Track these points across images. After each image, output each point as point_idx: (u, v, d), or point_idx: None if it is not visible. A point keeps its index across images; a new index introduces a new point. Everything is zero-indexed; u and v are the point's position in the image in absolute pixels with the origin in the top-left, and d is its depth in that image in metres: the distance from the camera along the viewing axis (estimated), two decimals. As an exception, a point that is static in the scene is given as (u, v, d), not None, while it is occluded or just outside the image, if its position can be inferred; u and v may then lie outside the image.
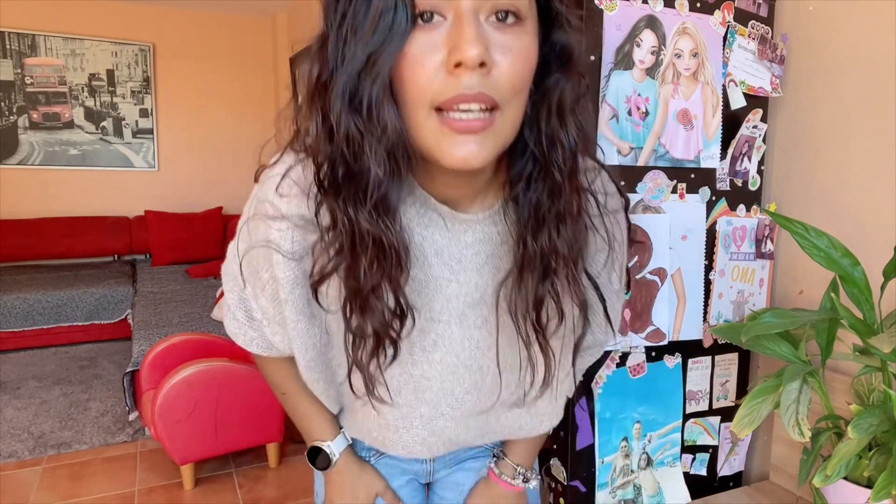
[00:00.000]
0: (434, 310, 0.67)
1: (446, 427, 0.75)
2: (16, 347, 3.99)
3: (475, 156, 0.54)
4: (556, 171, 0.60)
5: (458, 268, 0.66)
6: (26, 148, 4.77)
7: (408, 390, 0.72)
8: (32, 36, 4.71)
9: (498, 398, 0.72)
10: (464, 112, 0.53)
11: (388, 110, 0.54)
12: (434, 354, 0.70)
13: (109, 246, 4.88)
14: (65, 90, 4.86)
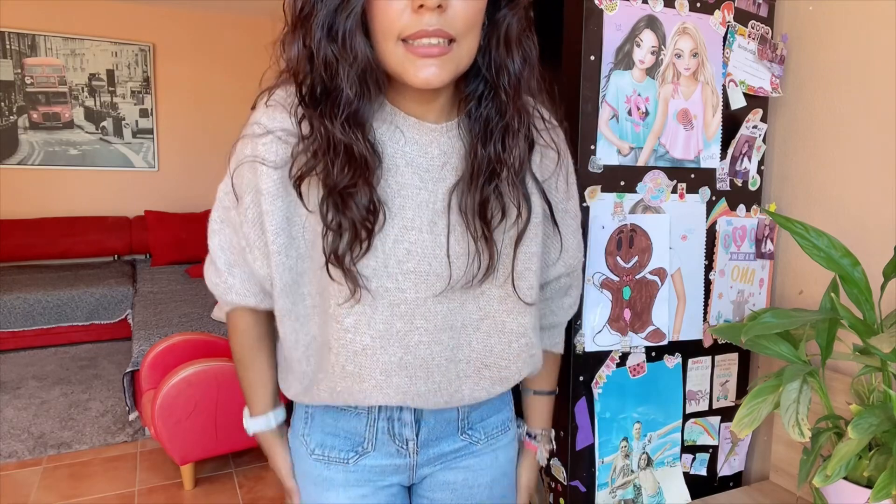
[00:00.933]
0: (407, 217, 0.74)
1: (421, 342, 0.78)
2: (16, 347, 3.99)
3: (435, 77, 0.67)
4: (503, 92, 0.72)
5: (427, 177, 0.75)
6: (26, 148, 4.77)
7: (384, 305, 0.76)
8: (32, 36, 4.72)
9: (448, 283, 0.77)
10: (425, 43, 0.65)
11: (359, 41, 0.66)
12: (408, 264, 0.75)
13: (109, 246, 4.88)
14: (65, 90, 4.86)
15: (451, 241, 0.76)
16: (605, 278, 0.99)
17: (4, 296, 3.89)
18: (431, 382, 0.81)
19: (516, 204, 0.77)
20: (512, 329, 0.82)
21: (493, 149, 0.73)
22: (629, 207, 1.00)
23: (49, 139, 4.84)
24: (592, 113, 0.95)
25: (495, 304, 0.81)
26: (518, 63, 0.73)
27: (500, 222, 0.76)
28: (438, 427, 0.87)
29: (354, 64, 0.67)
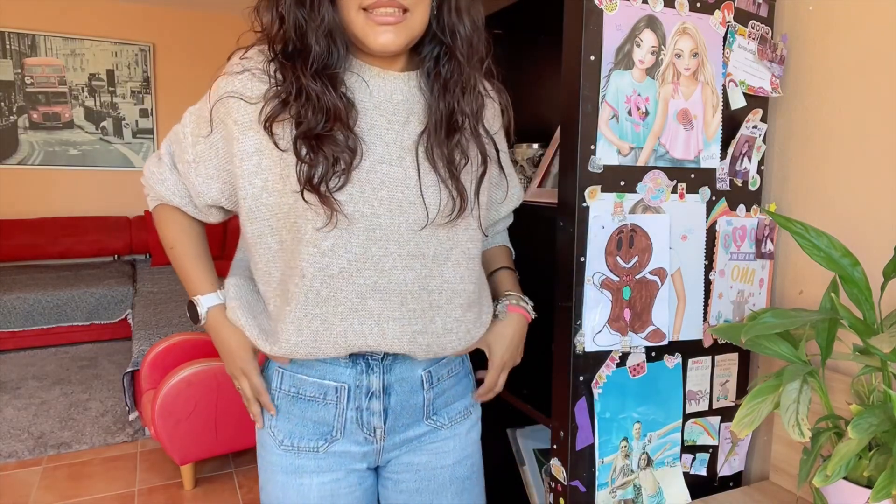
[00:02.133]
0: (377, 153, 0.83)
1: (395, 267, 0.84)
2: (16, 347, 3.99)
3: (392, 42, 0.78)
4: (459, 52, 0.83)
5: (393, 118, 0.84)
6: (26, 148, 4.77)
7: (360, 230, 0.82)
8: (32, 36, 4.72)
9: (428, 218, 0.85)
10: (382, 12, 0.76)
11: (325, 6, 0.77)
12: (381, 192, 0.82)
13: (109, 246, 4.88)
14: (65, 90, 4.86)
15: (425, 176, 0.85)
16: (605, 278, 0.99)
17: (4, 296, 3.89)
18: (405, 308, 0.86)
19: (477, 150, 0.88)
20: (475, 255, 0.92)
21: (454, 103, 0.84)
22: (629, 207, 1.00)
23: (49, 139, 4.84)
24: (592, 113, 0.95)
25: (461, 234, 0.89)
26: (468, 27, 0.84)
27: (464, 166, 0.87)
28: (405, 414, 0.92)
29: (322, 25, 0.77)
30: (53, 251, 4.73)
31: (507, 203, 1.05)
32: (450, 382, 0.98)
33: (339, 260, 0.82)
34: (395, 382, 0.91)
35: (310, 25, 0.77)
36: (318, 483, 0.90)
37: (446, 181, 0.85)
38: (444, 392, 0.96)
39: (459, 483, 0.98)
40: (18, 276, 4.32)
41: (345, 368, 0.89)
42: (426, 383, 0.93)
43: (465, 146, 0.86)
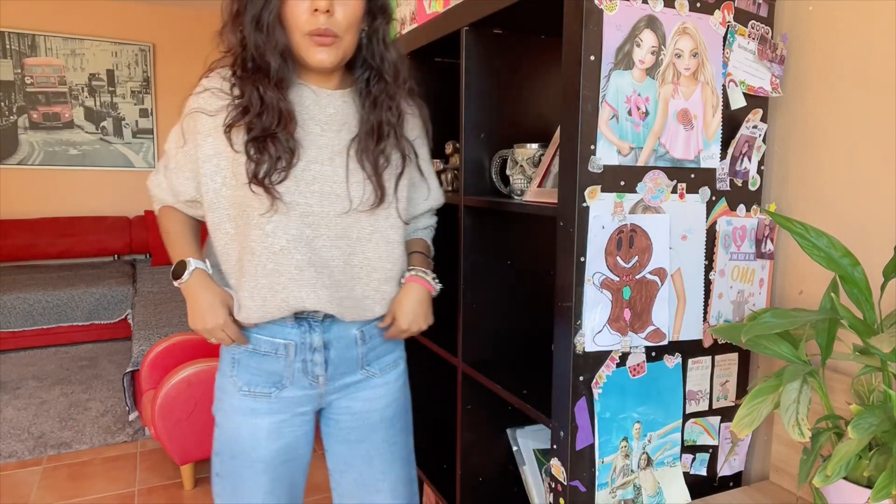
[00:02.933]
0: (312, 154, 1.03)
1: (324, 246, 1.05)
2: (16, 347, 3.99)
3: (326, 59, 1.00)
4: (386, 75, 1.06)
5: (326, 127, 1.05)
6: (26, 148, 4.77)
7: (296, 215, 1.02)
8: (32, 36, 4.71)
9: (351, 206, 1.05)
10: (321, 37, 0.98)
11: (278, 31, 0.98)
12: (314, 186, 1.03)
13: (109, 246, 4.88)
14: (65, 90, 4.86)
15: (353, 174, 1.05)
16: (605, 278, 0.99)
17: (4, 296, 3.89)
18: (333, 279, 1.06)
19: (399, 154, 1.10)
20: (394, 240, 1.11)
21: (381, 116, 1.06)
22: (629, 207, 1.00)
23: (49, 139, 4.84)
24: (592, 113, 0.95)
25: (382, 222, 1.09)
26: (394, 55, 1.07)
27: (385, 167, 1.07)
28: (343, 365, 1.13)
29: (277, 46, 0.98)
30: (53, 251, 4.72)
31: (429, 201, 1.23)
32: (380, 340, 1.17)
33: (279, 240, 1.02)
34: (334, 339, 1.11)
35: (267, 46, 0.98)
36: (267, 422, 1.10)
37: (371, 178, 1.06)
38: (375, 347, 1.16)
39: (388, 422, 1.19)
40: (18, 276, 4.32)
41: (291, 329, 1.08)
42: (359, 340, 1.13)
43: (388, 151, 1.07)
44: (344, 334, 1.11)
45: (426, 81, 1.64)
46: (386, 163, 1.07)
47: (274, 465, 1.12)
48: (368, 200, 1.06)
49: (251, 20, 0.97)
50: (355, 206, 1.05)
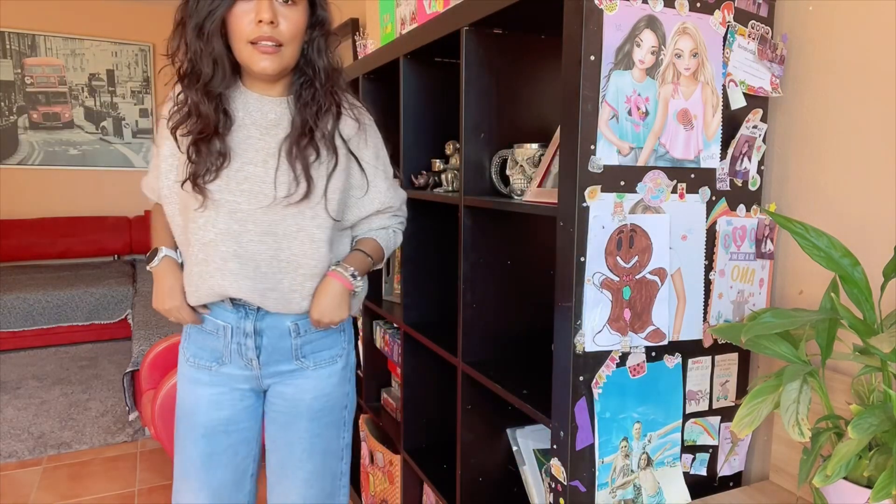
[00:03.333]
0: (248, 156, 1.13)
1: (251, 241, 1.14)
2: (16, 347, 3.99)
3: (269, 66, 1.08)
4: (317, 82, 1.14)
5: (265, 131, 1.14)
6: (26, 148, 4.77)
7: (224, 212, 1.12)
8: (32, 36, 4.72)
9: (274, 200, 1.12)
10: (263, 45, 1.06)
11: (217, 39, 1.06)
12: (244, 185, 1.12)
13: (109, 246, 4.88)
14: (65, 90, 4.86)
15: (279, 174, 1.12)
16: (605, 278, 0.99)
17: (4, 296, 3.89)
18: (258, 272, 1.15)
19: (331, 153, 1.16)
20: (319, 239, 1.17)
21: (308, 117, 1.13)
22: (629, 207, 1.00)
23: (49, 139, 4.84)
24: (592, 113, 0.95)
25: (308, 221, 1.15)
26: (326, 63, 1.15)
27: (314, 161, 1.13)
28: (276, 353, 1.23)
29: (212, 54, 1.06)
30: (53, 251, 4.72)
31: (374, 203, 1.26)
32: (318, 335, 1.25)
33: (208, 233, 1.13)
34: (266, 328, 1.21)
35: (203, 53, 1.06)
36: (208, 393, 1.23)
37: (299, 175, 1.12)
38: (311, 342, 1.25)
39: (314, 413, 1.26)
40: (18, 276, 4.32)
41: (230, 313, 1.20)
42: (293, 332, 1.22)
43: (318, 149, 1.14)
44: (277, 324, 1.21)
45: (426, 81, 1.65)
46: (316, 159, 1.14)
47: (214, 433, 1.24)
48: (296, 195, 1.12)
49: (194, 28, 1.05)
50: (280, 200, 1.12)
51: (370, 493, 2.04)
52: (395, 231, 1.33)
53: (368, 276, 1.95)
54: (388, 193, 1.27)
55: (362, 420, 2.11)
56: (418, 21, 1.73)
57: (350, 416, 1.33)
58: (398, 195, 1.31)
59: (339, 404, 1.29)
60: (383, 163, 1.27)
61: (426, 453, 1.74)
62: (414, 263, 1.69)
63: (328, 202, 1.16)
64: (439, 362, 1.74)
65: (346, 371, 1.30)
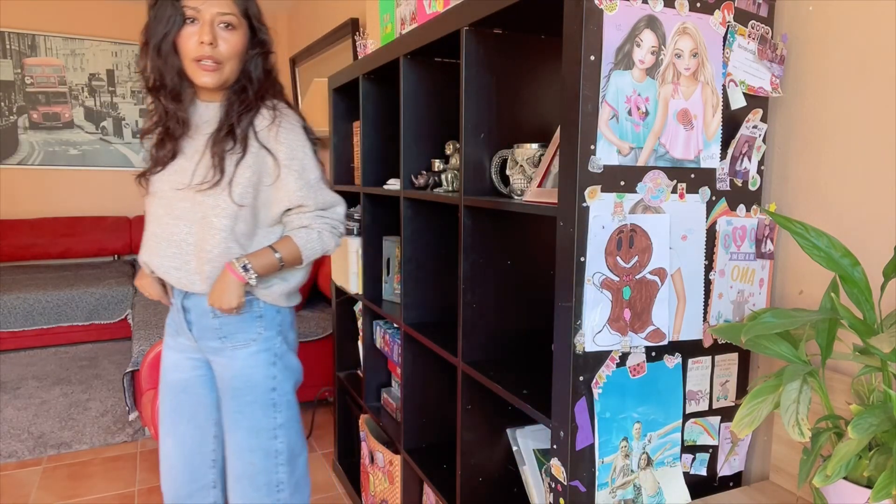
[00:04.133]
0: (186, 153, 1.35)
1: (168, 223, 1.35)
2: (16, 347, 3.99)
3: (209, 81, 1.31)
4: (249, 90, 1.35)
5: (197, 130, 1.36)
6: (26, 148, 4.77)
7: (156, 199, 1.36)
8: (32, 36, 4.71)
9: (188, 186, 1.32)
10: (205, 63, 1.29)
11: (173, 57, 1.29)
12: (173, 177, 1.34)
13: (109, 246, 4.88)
14: (65, 90, 4.86)
15: (200, 165, 1.31)
16: (605, 278, 0.99)
17: (4, 296, 3.89)
18: (168, 251, 1.36)
19: (240, 146, 1.31)
20: (218, 227, 1.32)
21: (233, 115, 1.32)
22: (629, 207, 1.00)
23: (49, 139, 4.84)
24: (592, 113, 0.95)
25: (209, 210, 1.31)
26: (260, 75, 1.37)
27: (229, 151, 1.31)
28: (204, 331, 1.40)
29: (173, 69, 1.29)
30: (53, 251, 4.72)
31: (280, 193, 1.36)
32: (233, 319, 1.38)
33: (148, 216, 1.39)
34: (192, 307, 1.40)
35: (166, 69, 1.29)
36: (173, 357, 1.48)
37: (215, 165, 1.30)
38: (229, 323, 1.39)
39: (234, 392, 1.41)
40: (18, 276, 4.32)
41: (175, 291, 1.42)
42: (212, 312, 1.38)
43: (235, 140, 1.31)
44: (199, 304, 1.39)
45: (426, 81, 1.65)
46: (231, 149, 1.31)
47: (175, 391, 1.47)
48: (207, 183, 1.29)
49: (153, 49, 1.28)
50: (192, 187, 1.31)
51: (370, 493, 2.04)
52: (321, 233, 1.39)
53: (368, 277, 1.99)
54: (300, 192, 1.36)
55: (362, 420, 2.11)
56: (418, 21, 1.73)
57: (282, 398, 1.43)
58: (317, 197, 1.39)
59: (262, 386, 1.41)
60: (299, 164, 1.36)
61: (426, 453, 1.74)
62: (414, 263, 1.69)
63: (233, 188, 1.30)
64: (439, 362, 1.74)
65: (267, 355, 1.41)
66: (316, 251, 1.41)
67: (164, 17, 1.26)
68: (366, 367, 2.10)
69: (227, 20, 1.28)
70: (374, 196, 2.00)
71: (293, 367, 1.49)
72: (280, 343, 1.44)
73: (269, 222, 1.39)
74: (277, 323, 1.44)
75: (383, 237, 2.01)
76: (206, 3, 1.26)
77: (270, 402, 1.42)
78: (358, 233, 2.07)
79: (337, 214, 1.44)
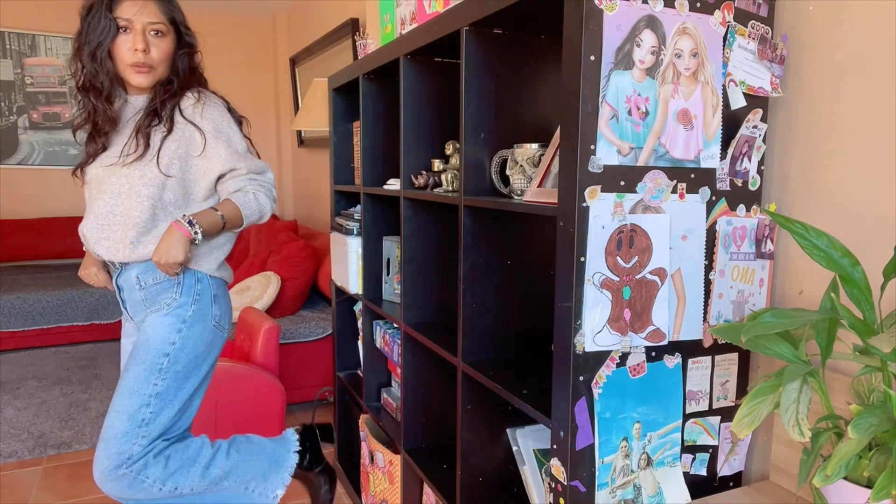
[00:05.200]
0: (116, 141, 1.49)
1: (98, 199, 1.48)
2: (16, 347, 3.99)
3: (144, 82, 1.46)
4: (174, 81, 1.50)
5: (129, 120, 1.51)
6: (26, 148, 4.77)
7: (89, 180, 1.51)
8: (32, 36, 4.71)
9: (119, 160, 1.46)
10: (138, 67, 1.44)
11: (108, 61, 1.42)
12: (104, 160, 1.48)
13: (109, 246, 4.86)
14: (65, 90, 4.86)
15: (128, 145, 1.45)
16: (605, 278, 0.99)
17: (4, 296, 3.89)
18: (97, 223, 1.47)
19: (166, 124, 1.46)
20: (145, 194, 1.45)
21: (157, 98, 1.48)
22: (629, 207, 1.00)
23: (49, 139, 4.84)
24: (592, 113, 0.95)
25: (136, 180, 1.45)
26: (185, 67, 1.52)
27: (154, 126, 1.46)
28: (135, 306, 1.53)
29: (108, 73, 1.43)
30: (53, 251, 4.73)
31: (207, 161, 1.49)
32: (155, 288, 1.49)
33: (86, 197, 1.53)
34: (124, 283, 1.52)
35: (99, 72, 1.42)
36: (124, 343, 1.63)
37: (140, 139, 1.44)
38: (152, 294, 1.50)
39: (133, 354, 1.48)
40: (18, 276, 4.32)
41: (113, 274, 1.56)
42: (137, 284, 1.50)
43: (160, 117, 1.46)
44: (128, 278, 1.50)
45: (426, 81, 1.65)
46: (156, 125, 1.45)
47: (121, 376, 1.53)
48: (133, 155, 1.43)
49: (88, 55, 1.40)
50: (120, 160, 1.44)
51: (370, 493, 2.04)
52: (256, 194, 1.50)
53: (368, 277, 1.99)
54: (231, 157, 1.49)
55: (362, 420, 2.11)
56: (418, 21, 1.73)
57: (172, 366, 1.46)
58: (248, 162, 1.52)
59: (156, 350, 1.45)
60: (226, 136, 1.50)
61: (426, 453, 1.74)
62: (414, 263, 1.69)
63: (160, 159, 1.44)
64: (439, 362, 1.74)
65: (173, 319, 1.47)
66: (254, 211, 1.49)
67: (98, 27, 1.38)
68: (366, 367, 2.10)
69: (156, 28, 1.43)
70: (374, 196, 2.00)
71: (204, 341, 1.51)
72: (193, 312, 1.50)
73: (204, 195, 1.51)
74: (196, 292, 1.51)
75: (383, 237, 2.01)
76: (138, 14, 1.40)
77: (157, 367, 1.44)
78: (358, 233, 2.07)
79: (269, 179, 1.55)
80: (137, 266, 1.48)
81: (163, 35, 1.45)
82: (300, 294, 3.22)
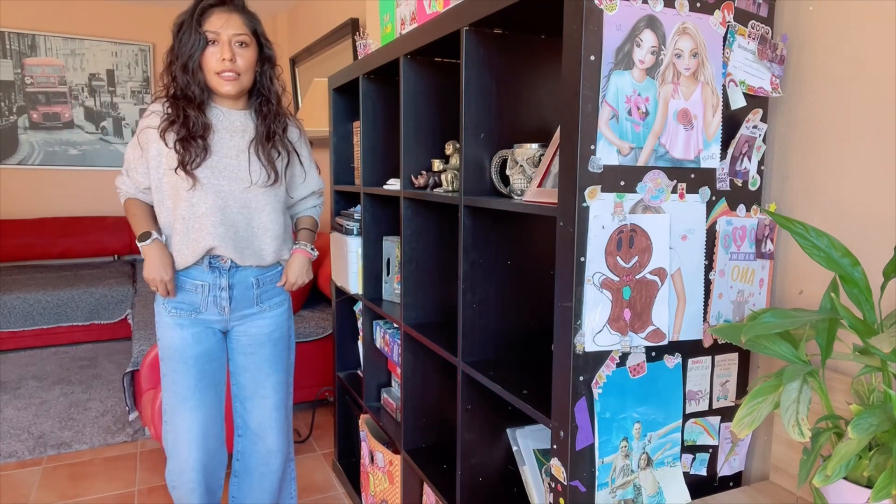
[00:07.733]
0: (224, 152, 1.61)
1: (232, 212, 1.62)
2: (16, 347, 3.99)
3: (231, 90, 1.59)
4: (272, 100, 1.68)
5: (234, 134, 1.64)
6: (26, 148, 4.77)
7: (211, 191, 1.60)
8: (32, 36, 4.71)
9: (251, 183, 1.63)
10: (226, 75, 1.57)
11: (199, 73, 1.57)
12: (224, 173, 1.61)
13: (109, 246, 4.88)
14: (65, 90, 4.86)
15: (251, 165, 1.63)
16: (605, 278, 0.99)
17: (4, 296, 3.89)
18: (237, 234, 1.64)
19: (284, 151, 1.70)
20: (279, 210, 1.70)
21: (269, 125, 1.66)
22: (629, 207, 1.00)
23: (49, 139, 4.84)
24: (592, 113, 0.95)
25: (272, 197, 1.68)
26: (276, 88, 1.69)
27: (277, 158, 1.67)
28: (244, 301, 1.72)
29: (199, 83, 1.57)
30: (53, 251, 4.72)
31: (310, 185, 1.83)
32: (271, 286, 1.76)
33: (200, 207, 1.59)
34: (237, 283, 1.69)
35: (191, 82, 1.55)
36: (191, 332, 1.68)
37: (266, 166, 1.64)
38: (267, 291, 1.75)
39: (274, 342, 1.79)
40: (18, 276, 4.31)
41: (207, 274, 1.66)
42: (255, 284, 1.72)
43: (279, 149, 1.68)
44: (243, 279, 1.70)
45: (426, 81, 1.65)
46: (277, 155, 1.67)
47: (200, 361, 1.69)
48: (266, 181, 1.64)
49: (181, 67, 1.55)
50: (255, 184, 1.63)
51: (370, 493, 2.04)
52: (318, 208, 1.91)
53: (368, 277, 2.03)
54: (319, 180, 1.86)
55: (362, 420, 2.11)
56: (418, 21, 1.73)
57: (292, 341, 1.87)
58: (321, 183, 1.88)
59: (287, 333, 1.83)
60: (315, 163, 1.85)
61: (426, 453, 1.74)
62: (414, 263, 1.69)
63: (283, 184, 1.71)
64: (439, 362, 1.74)
65: (289, 310, 1.84)
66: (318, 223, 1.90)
67: (189, 42, 1.54)
68: (366, 367, 2.10)
69: (241, 39, 1.57)
70: (374, 196, 2.00)
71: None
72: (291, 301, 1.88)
73: (291, 204, 1.84)
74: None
75: (383, 237, 2.02)
76: (224, 26, 1.54)
77: (289, 346, 1.86)
78: (358, 233, 2.07)
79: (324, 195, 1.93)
80: (257, 268, 1.70)
81: (247, 45, 1.58)
82: (300, 294, 3.22)
